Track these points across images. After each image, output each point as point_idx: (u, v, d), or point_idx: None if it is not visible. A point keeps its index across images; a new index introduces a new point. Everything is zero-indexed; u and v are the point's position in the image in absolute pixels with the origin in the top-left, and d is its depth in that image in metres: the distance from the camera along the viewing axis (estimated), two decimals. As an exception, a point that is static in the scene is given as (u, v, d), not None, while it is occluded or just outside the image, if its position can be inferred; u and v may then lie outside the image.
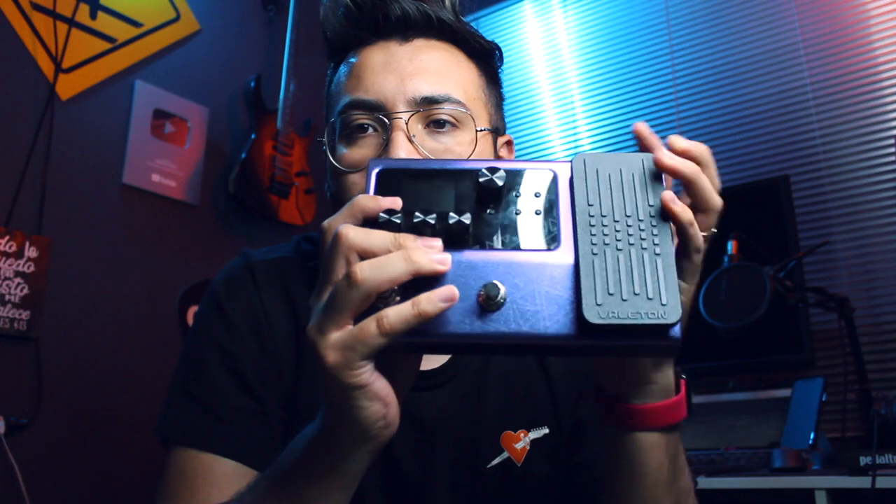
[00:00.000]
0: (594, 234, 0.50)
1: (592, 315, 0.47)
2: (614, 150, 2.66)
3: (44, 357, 2.02)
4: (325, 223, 0.54)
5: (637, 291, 0.48)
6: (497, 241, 0.51)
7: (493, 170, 0.52)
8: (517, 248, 0.50)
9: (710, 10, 2.57)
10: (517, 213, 0.52)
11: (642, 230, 0.50)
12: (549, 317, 0.48)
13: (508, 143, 0.91)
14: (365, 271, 0.48)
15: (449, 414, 0.83)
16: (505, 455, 0.84)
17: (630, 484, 0.64)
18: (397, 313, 0.48)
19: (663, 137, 0.58)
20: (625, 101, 2.69)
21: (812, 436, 1.71)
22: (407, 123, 0.77)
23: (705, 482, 1.63)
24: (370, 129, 0.79)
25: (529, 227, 0.51)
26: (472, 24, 0.88)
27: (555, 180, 0.53)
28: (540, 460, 0.85)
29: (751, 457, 1.81)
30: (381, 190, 0.52)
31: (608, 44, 2.77)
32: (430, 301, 0.48)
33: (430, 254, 0.49)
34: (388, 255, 0.49)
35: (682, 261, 0.55)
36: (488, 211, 0.52)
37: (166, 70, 2.48)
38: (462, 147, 0.79)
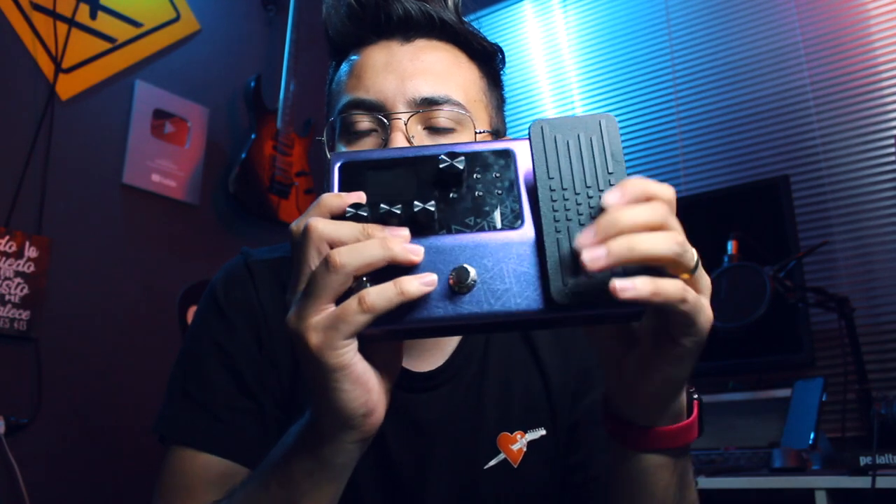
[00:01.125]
0: (556, 210, 0.50)
1: (560, 296, 0.48)
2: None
3: (44, 357, 2.02)
4: (293, 224, 0.54)
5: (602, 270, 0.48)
6: (462, 224, 0.52)
7: (453, 154, 0.53)
8: (482, 229, 0.51)
9: (710, 10, 2.57)
10: (479, 195, 0.53)
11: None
12: (519, 293, 0.49)
13: None
14: (343, 256, 0.49)
15: (446, 416, 0.83)
16: (501, 457, 0.84)
17: (639, 502, 0.64)
18: (379, 292, 0.49)
19: (663, 137, 0.57)
20: (625, 101, 2.69)
21: (812, 436, 1.71)
22: (406, 124, 0.77)
23: (705, 482, 1.64)
24: (370, 129, 0.79)
25: (492, 207, 0.52)
26: (473, 24, 0.87)
27: (513, 157, 0.54)
28: (537, 462, 0.85)
29: (751, 457, 1.81)
30: (345, 183, 0.53)
31: (608, 44, 2.77)
32: (411, 282, 0.49)
33: (402, 243, 0.50)
34: (365, 241, 0.50)
35: (669, 346, 0.52)
36: (451, 195, 0.53)
37: (166, 70, 2.48)
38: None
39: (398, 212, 0.51)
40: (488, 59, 0.87)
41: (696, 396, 0.61)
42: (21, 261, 1.99)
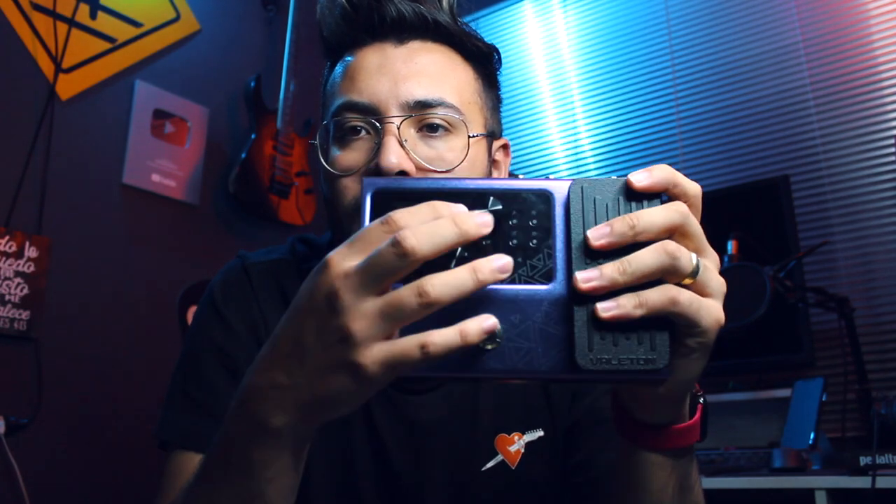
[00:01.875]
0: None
1: (584, 361, 0.48)
2: (613, 150, 2.67)
3: (44, 357, 2.02)
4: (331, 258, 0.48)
5: (628, 337, 0.48)
6: None
7: (489, 201, 0.51)
8: (513, 281, 0.50)
9: (710, 10, 2.57)
10: (513, 244, 0.51)
11: None
12: (543, 354, 0.49)
13: (504, 147, 0.90)
14: (416, 239, 0.45)
15: (443, 417, 0.83)
16: (499, 458, 0.84)
17: (633, 500, 0.64)
18: (443, 340, 0.45)
19: (663, 137, 0.57)
20: (625, 101, 2.69)
21: (812, 436, 1.70)
22: (399, 128, 0.77)
23: (705, 482, 1.64)
24: (363, 132, 0.79)
25: (526, 258, 0.50)
26: (472, 24, 0.87)
27: (550, 202, 0.52)
28: (535, 463, 0.85)
29: (751, 457, 1.81)
30: (377, 211, 0.50)
31: (608, 44, 2.77)
32: (473, 330, 0.46)
33: (473, 220, 0.47)
34: (437, 220, 0.46)
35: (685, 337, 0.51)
36: (484, 241, 0.50)
37: (166, 70, 2.48)
38: (454, 153, 0.79)
39: None
40: (484, 60, 0.86)
41: (701, 399, 0.61)
42: (21, 261, 1.99)
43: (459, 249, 0.49)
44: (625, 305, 0.47)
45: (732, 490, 1.62)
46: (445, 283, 0.45)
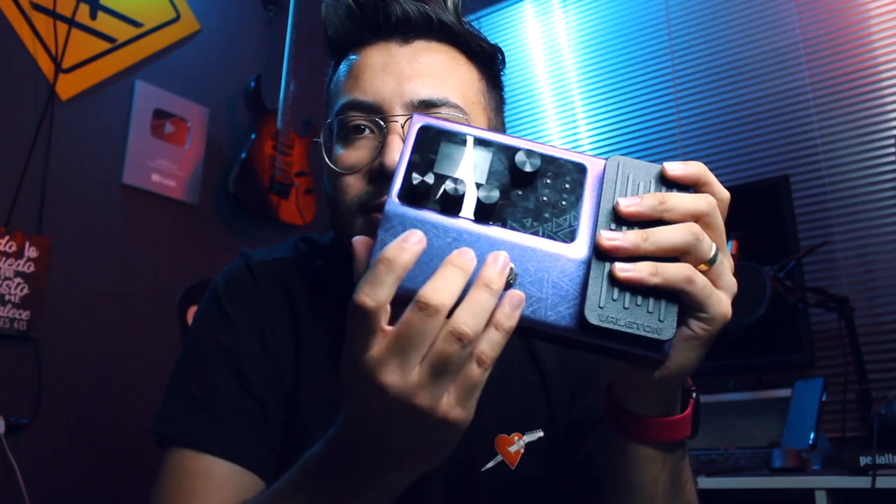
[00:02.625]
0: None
1: (593, 316, 0.48)
2: (615, 152, 2.67)
3: (44, 357, 2.02)
4: (364, 299, 0.48)
5: (639, 303, 0.49)
6: (518, 223, 0.51)
7: (530, 153, 0.52)
8: (536, 233, 0.51)
9: (710, 10, 2.57)
10: (543, 200, 0.52)
11: None
12: (552, 307, 0.49)
13: None
14: (471, 321, 0.47)
15: None
16: (499, 458, 0.84)
17: (624, 493, 0.64)
18: (490, 343, 0.48)
19: (663, 137, 0.57)
20: (625, 101, 2.69)
21: (812, 436, 1.71)
22: (403, 127, 0.77)
23: (705, 482, 1.64)
24: (366, 131, 0.79)
25: (552, 215, 0.52)
26: (473, 24, 0.87)
27: (585, 174, 0.54)
28: (534, 463, 0.85)
29: (751, 457, 1.81)
30: (419, 146, 0.53)
31: (608, 44, 2.77)
32: (510, 317, 0.48)
33: (498, 276, 0.48)
34: (478, 295, 0.47)
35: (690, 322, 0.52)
36: (517, 192, 0.52)
37: (166, 70, 2.48)
38: None
39: (462, 191, 0.50)
40: (488, 61, 0.86)
41: (693, 394, 0.61)
42: (21, 261, 1.99)
43: (497, 203, 0.50)
44: (641, 270, 0.48)
45: (732, 490, 1.62)
46: (490, 343, 0.48)
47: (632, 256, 0.49)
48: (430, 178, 0.51)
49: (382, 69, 0.80)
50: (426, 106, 0.78)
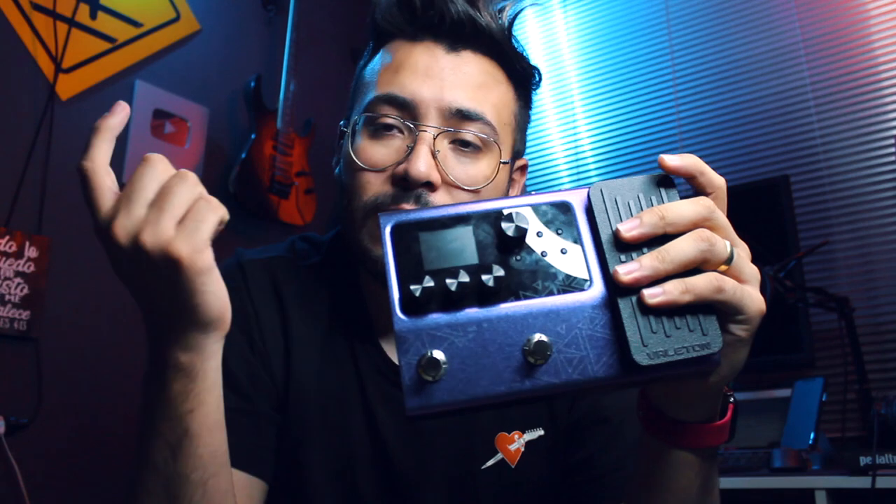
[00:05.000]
0: None
1: (641, 358, 0.47)
2: (613, 150, 2.67)
3: (44, 357, 2.02)
4: (82, 163, 0.58)
5: (678, 325, 0.47)
6: (529, 289, 0.49)
7: (512, 216, 0.50)
8: (551, 293, 0.49)
9: (710, 10, 2.57)
10: (544, 255, 0.50)
11: None
12: (596, 360, 0.48)
13: (522, 168, 0.91)
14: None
15: None
16: (499, 457, 0.84)
17: (655, 498, 0.63)
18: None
19: (663, 137, 0.57)
20: (625, 101, 2.69)
21: (812, 436, 1.71)
22: (435, 138, 0.77)
23: (705, 482, 1.63)
24: (394, 130, 0.78)
25: (559, 267, 0.50)
26: (518, 40, 0.88)
27: (572, 211, 0.52)
28: (535, 462, 0.85)
29: (751, 457, 1.81)
30: (398, 246, 0.50)
31: (608, 44, 2.77)
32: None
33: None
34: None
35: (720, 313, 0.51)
36: (515, 258, 0.50)
37: (166, 70, 2.48)
38: (482, 174, 0.80)
39: (466, 282, 0.48)
40: (526, 81, 0.88)
41: (732, 399, 0.61)
42: (21, 261, 1.99)
43: (495, 267, 0.48)
44: (671, 291, 0.47)
45: (732, 490, 1.62)
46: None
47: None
48: (427, 282, 0.48)
49: (425, 71, 0.79)
50: (461, 116, 0.78)
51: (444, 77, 0.79)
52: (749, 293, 0.51)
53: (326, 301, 0.87)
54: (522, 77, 0.87)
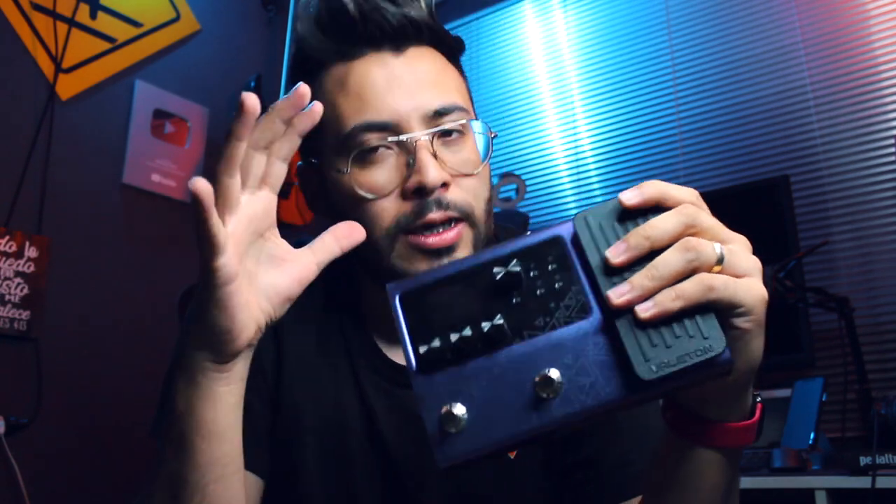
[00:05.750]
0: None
1: (645, 372, 0.47)
2: (613, 151, 2.67)
3: (44, 357, 2.02)
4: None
5: (678, 334, 0.48)
6: (532, 328, 0.51)
7: (505, 260, 0.52)
8: (554, 327, 0.51)
9: (710, 10, 2.57)
10: (541, 293, 0.52)
11: None
12: (606, 383, 0.49)
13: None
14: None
15: None
16: None
17: (679, 499, 0.63)
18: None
19: (663, 137, 0.57)
20: (625, 101, 2.69)
21: (812, 436, 1.70)
22: (432, 142, 0.77)
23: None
24: (380, 149, 0.78)
25: (557, 301, 0.51)
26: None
27: (563, 245, 0.53)
28: (535, 459, 0.85)
29: (751, 457, 1.81)
30: (409, 312, 0.53)
31: (608, 44, 2.77)
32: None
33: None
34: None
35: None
36: (514, 301, 0.52)
37: (166, 70, 2.48)
38: (472, 153, 0.81)
39: (469, 334, 0.50)
40: (459, 55, 0.87)
41: (759, 399, 0.61)
42: (21, 261, 1.99)
43: (504, 322, 0.50)
44: (662, 301, 0.48)
45: (732, 490, 1.62)
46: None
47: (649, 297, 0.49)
48: (435, 341, 0.51)
49: (388, 84, 0.78)
50: (439, 115, 0.78)
51: (406, 83, 0.78)
52: (745, 285, 0.51)
53: (319, 299, 0.87)
54: (457, 52, 0.87)
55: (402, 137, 0.77)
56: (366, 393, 0.84)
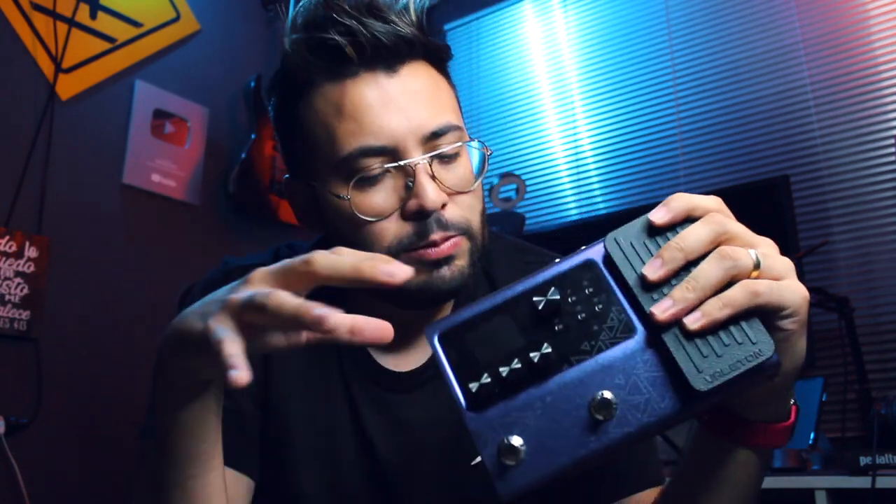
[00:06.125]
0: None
1: (700, 384, 0.47)
2: (613, 151, 2.67)
3: (44, 357, 2.02)
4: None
5: (727, 342, 0.48)
6: (579, 353, 0.51)
7: (543, 290, 0.53)
8: (600, 350, 0.51)
9: (710, 10, 2.57)
10: (583, 317, 0.52)
11: None
12: (660, 398, 0.49)
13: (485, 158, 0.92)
14: (320, 259, 0.52)
15: (431, 414, 0.83)
16: None
17: (708, 496, 0.64)
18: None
19: (663, 137, 0.57)
20: (625, 101, 2.69)
21: (812, 436, 1.70)
22: (431, 165, 0.77)
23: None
24: (384, 175, 0.78)
25: (601, 324, 0.52)
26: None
27: (597, 268, 0.53)
28: None
29: (751, 457, 1.81)
30: (450, 353, 0.53)
31: (608, 44, 2.77)
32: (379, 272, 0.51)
33: (376, 267, 0.52)
34: (342, 257, 0.53)
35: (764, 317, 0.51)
36: (557, 328, 0.52)
37: (166, 70, 2.48)
38: (467, 171, 0.81)
39: (518, 366, 0.51)
40: (446, 64, 0.87)
41: (793, 401, 0.61)
42: (21, 261, 1.99)
43: (542, 344, 0.51)
44: (710, 312, 0.48)
45: (732, 490, 1.62)
46: (327, 258, 0.51)
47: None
48: (484, 378, 0.51)
49: (384, 106, 0.77)
50: (436, 136, 0.78)
51: (401, 105, 0.77)
52: (787, 286, 0.51)
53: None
54: (445, 62, 0.86)
55: (402, 163, 0.76)
56: (354, 396, 0.84)
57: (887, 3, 2.26)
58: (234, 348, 0.50)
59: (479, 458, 0.85)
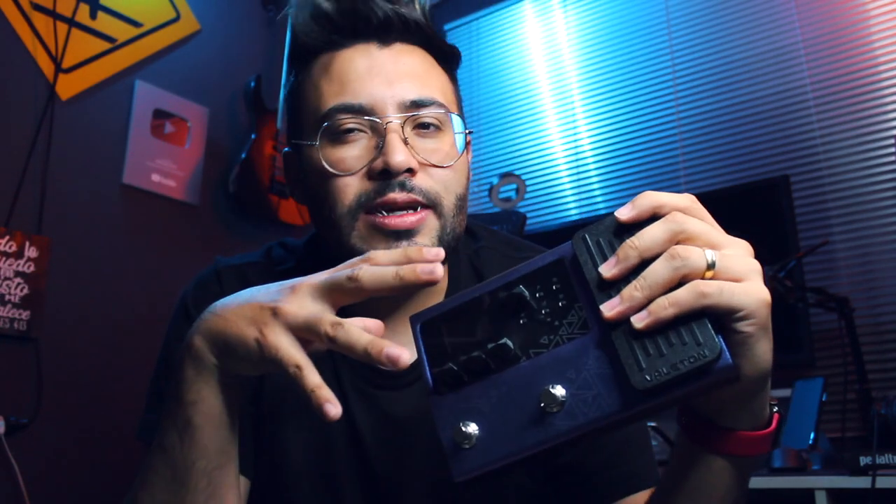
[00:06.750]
0: None
1: (639, 382, 0.48)
2: (613, 151, 2.67)
3: (44, 357, 2.02)
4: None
5: (673, 342, 0.48)
6: (538, 346, 0.53)
7: (512, 285, 0.55)
8: (558, 344, 0.52)
9: (710, 10, 2.57)
10: (545, 313, 0.54)
11: None
12: (608, 395, 0.50)
13: (468, 143, 0.92)
14: (365, 275, 0.57)
15: (420, 412, 0.83)
16: None
17: (684, 503, 0.63)
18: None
19: (663, 137, 0.57)
20: (625, 101, 2.69)
21: (812, 436, 1.70)
22: (403, 127, 0.78)
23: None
24: (355, 132, 0.79)
25: (560, 319, 0.53)
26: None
27: (563, 265, 0.55)
28: None
29: (751, 457, 1.81)
30: (428, 340, 0.57)
31: (608, 44, 2.77)
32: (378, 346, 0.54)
33: (415, 269, 0.56)
34: (385, 268, 0.57)
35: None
36: (521, 322, 0.54)
37: (166, 70, 2.48)
38: (447, 147, 0.81)
39: (477, 355, 0.53)
40: (453, 63, 0.89)
41: (776, 409, 0.60)
42: (21, 261, 1.99)
43: (509, 341, 0.53)
44: (655, 311, 0.48)
45: (732, 490, 1.62)
46: (373, 274, 0.55)
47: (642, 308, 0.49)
48: (448, 363, 0.54)
49: (369, 72, 0.80)
50: (416, 106, 0.79)
51: (388, 71, 0.80)
52: (742, 289, 0.50)
53: None
54: (450, 60, 0.88)
55: (373, 119, 0.78)
56: (347, 395, 0.84)
57: (887, 3, 2.26)
58: (317, 377, 0.53)
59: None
